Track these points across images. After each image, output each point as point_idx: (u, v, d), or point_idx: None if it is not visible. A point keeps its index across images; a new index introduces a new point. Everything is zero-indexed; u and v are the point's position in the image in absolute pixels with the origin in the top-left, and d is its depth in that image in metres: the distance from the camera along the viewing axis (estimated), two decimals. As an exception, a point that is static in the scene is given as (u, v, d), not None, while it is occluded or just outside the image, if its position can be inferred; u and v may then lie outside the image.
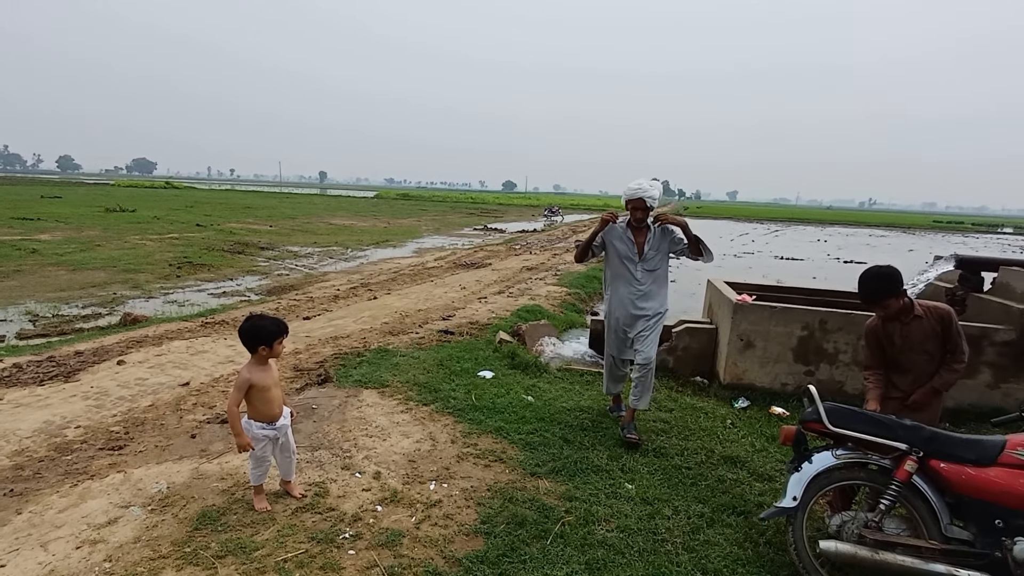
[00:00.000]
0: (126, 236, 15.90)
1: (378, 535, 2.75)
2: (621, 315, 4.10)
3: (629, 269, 4.04)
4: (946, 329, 2.86)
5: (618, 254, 4.08)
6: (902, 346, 2.93)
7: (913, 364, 2.94)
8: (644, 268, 4.03)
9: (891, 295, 2.82)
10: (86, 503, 2.92)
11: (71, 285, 9.50)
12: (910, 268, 6.66)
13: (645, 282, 4.05)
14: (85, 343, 5.78)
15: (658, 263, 4.08)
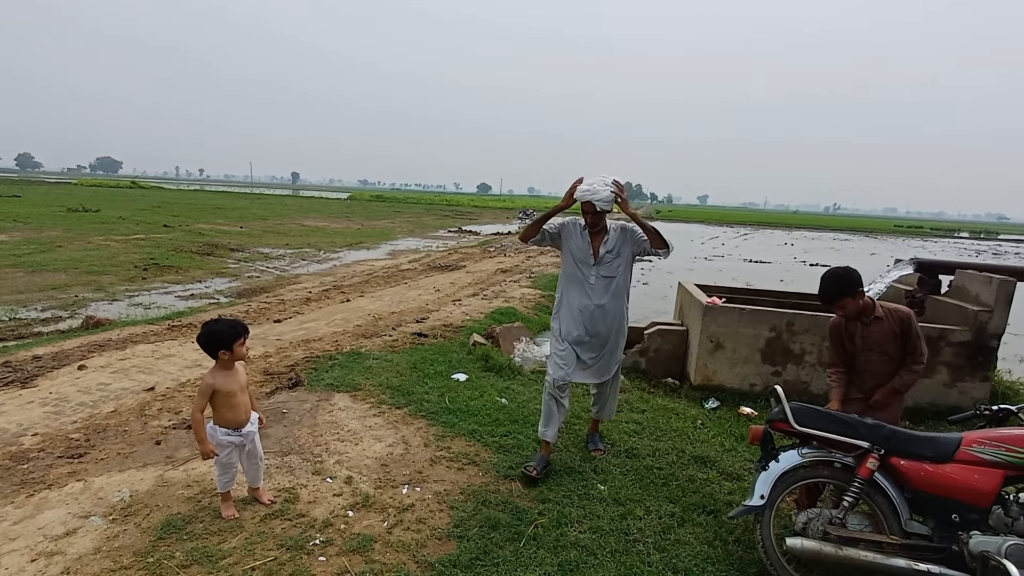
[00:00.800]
0: (89, 237, 15.41)
1: (349, 541, 2.72)
2: (574, 330, 3.54)
3: (582, 272, 3.53)
4: (906, 331, 2.94)
5: (572, 254, 3.57)
6: (862, 346, 3.00)
7: (872, 364, 3.01)
8: (600, 273, 3.51)
9: (847, 295, 2.88)
10: (43, 514, 2.82)
11: (30, 287, 9.18)
12: (872, 271, 6.85)
13: (599, 290, 3.50)
14: (44, 347, 5.58)
15: (617, 269, 3.52)
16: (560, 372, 3.50)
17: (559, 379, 3.50)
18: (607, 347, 3.59)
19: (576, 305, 3.54)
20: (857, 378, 3.08)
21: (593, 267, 3.52)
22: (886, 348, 2.96)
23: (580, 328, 3.52)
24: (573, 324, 3.53)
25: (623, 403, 4.82)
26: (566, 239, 3.59)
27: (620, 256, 3.53)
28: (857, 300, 2.90)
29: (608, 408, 3.83)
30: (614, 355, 3.64)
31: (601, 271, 3.52)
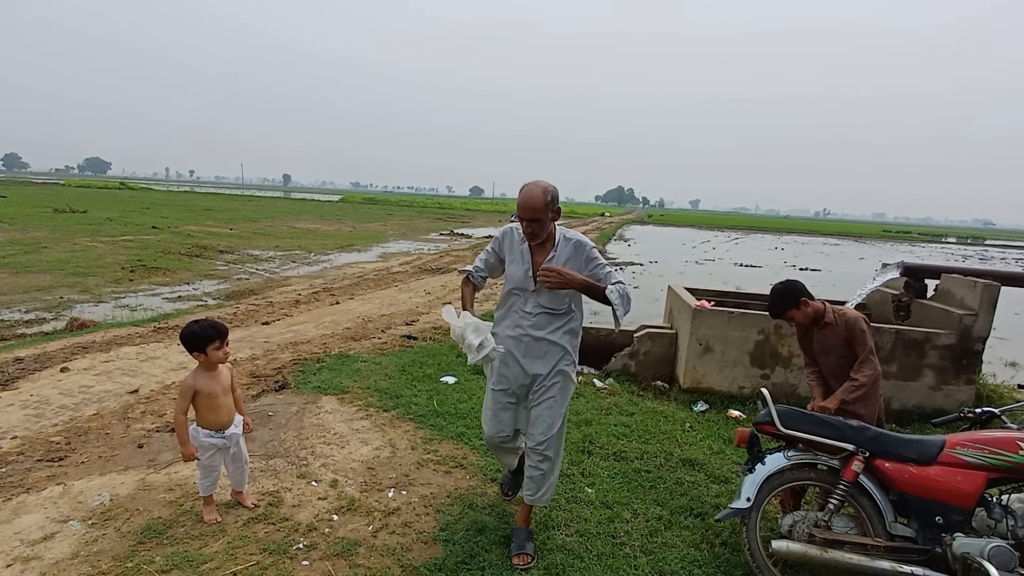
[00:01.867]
0: (76, 238, 15.25)
1: (333, 545, 2.69)
2: (501, 367, 2.72)
3: (521, 297, 2.67)
4: (850, 335, 2.97)
5: (509, 277, 2.73)
6: (818, 350, 3.10)
7: (830, 368, 3.08)
8: (541, 304, 2.62)
9: (790, 307, 3.01)
10: (20, 518, 2.76)
11: (13, 289, 9.05)
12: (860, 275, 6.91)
13: (534, 323, 2.63)
14: (26, 349, 5.50)
15: (564, 300, 2.64)
16: (489, 425, 2.83)
17: (492, 434, 2.85)
18: (550, 392, 2.67)
19: (506, 334, 2.68)
20: (827, 378, 3.13)
21: (531, 294, 2.63)
22: (840, 351, 3.02)
23: (513, 366, 2.67)
24: (503, 361, 2.67)
25: (612, 406, 4.82)
26: (506, 254, 2.75)
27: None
28: (803, 309, 3.00)
29: (547, 488, 2.77)
30: (557, 401, 2.68)
31: (542, 301, 2.62)
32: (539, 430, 2.68)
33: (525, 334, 2.64)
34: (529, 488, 2.76)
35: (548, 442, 2.68)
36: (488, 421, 2.84)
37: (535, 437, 2.69)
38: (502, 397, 2.77)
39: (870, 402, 2.99)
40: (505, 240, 2.76)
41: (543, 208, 2.51)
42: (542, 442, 2.67)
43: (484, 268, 2.82)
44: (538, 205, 2.50)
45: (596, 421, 4.44)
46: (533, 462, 2.72)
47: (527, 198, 2.51)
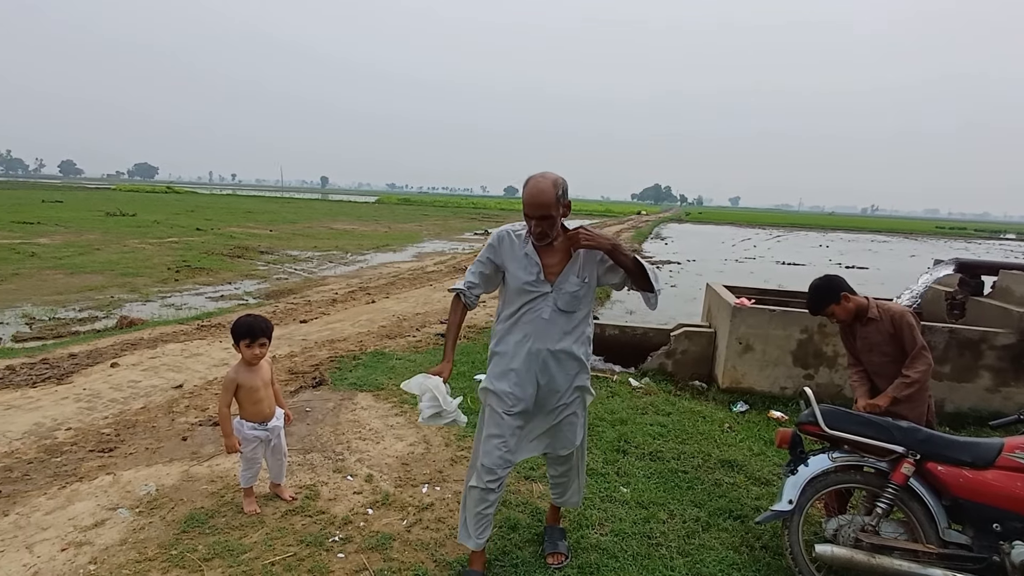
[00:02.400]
0: (125, 240, 15.90)
1: (368, 538, 2.72)
2: (518, 390, 2.36)
3: (531, 302, 2.34)
4: (897, 330, 2.83)
5: (515, 279, 2.37)
6: (862, 347, 2.95)
7: (875, 366, 2.94)
8: (558, 305, 2.33)
9: (831, 302, 2.88)
10: (73, 505, 2.89)
11: (68, 288, 9.49)
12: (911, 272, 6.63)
13: (555, 331, 2.34)
14: (79, 346, 5.75)
15: (580, 301, 2.37)
16: (498, 455, 2.35)
17: (498, 465, 2.36)
18: (570, 408, 2.45)
19: (521, 352, 2.35)
20: (873, 377, 2.99)
21: (550, 295, 2.34)
22: (884, 348, 2.88)
23: (528, 386, 2.36)
24: (517, 382, 2.36)
25: (648, 406, 4.75)
26: (506, 260, 2.40)
27: (587, 283, 2.39)
28: (844, 304, 2.87)
29: (574, 491, 2.67)
30: (579, 418, 2.52)
31: (560, 301, 2.34)
32: (561, 444, 2.50)
33: (542, 348, 2.33)
34: (556, 492, 2.69)
35: (572, 454, 2.55)
36: (495, 450, 2.35)
37: (557, 451, 2.52)
38: (514, 421, 2.38)
39: (918, 402, 2.86)
40: (502, 246, 2.41)
41: (555, 203, 2.20)
42: (563, 456, 2.54)
43: (479, 282, 2.44)
44: (549, 200, 2.19)
45: (631, 420, 4.37)
46: (557, 472, 2.61)
47: (536, 193, 2.20)
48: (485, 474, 2.36)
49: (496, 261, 2.42)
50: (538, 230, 2.26)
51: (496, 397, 2.39)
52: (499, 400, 2.39)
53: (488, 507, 2.40)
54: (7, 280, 9.84)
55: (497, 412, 2.39)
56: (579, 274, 2.35)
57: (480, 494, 2.38)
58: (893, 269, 19.10)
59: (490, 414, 2.42)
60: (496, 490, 2.39)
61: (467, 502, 2.45)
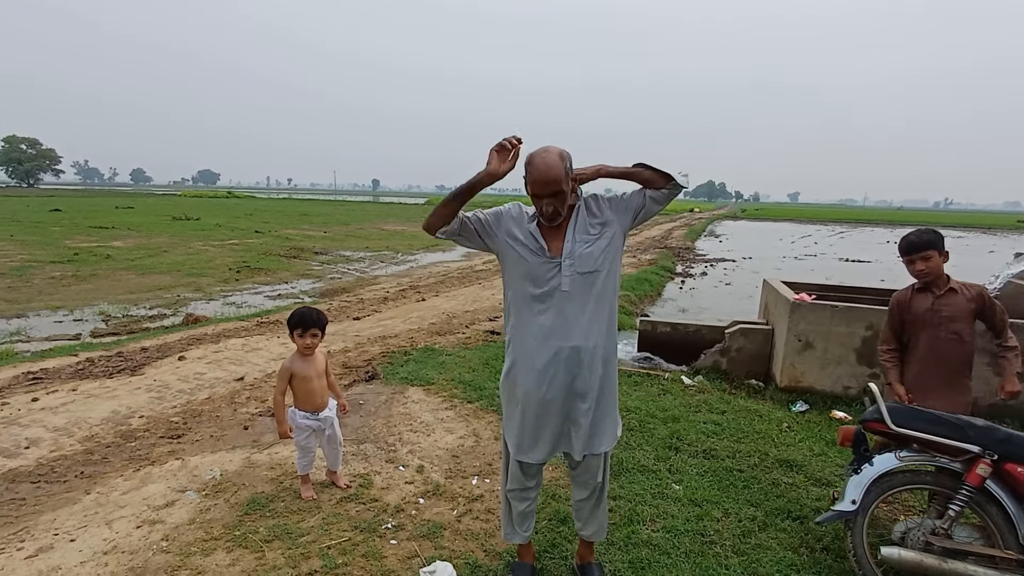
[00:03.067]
0: (190, 242, 16.74)
1: (420, 526, 2.77)
2: (536, 388, 2.09)
3: (542, 278, 2.06)
4: (986, 306, 2.69)
5: (518, 255, 2.10)
6: (931, 321, 2.75)
7: (939, 344, 2.73)
8: (576, 269, 2.04)
9: (935, 247, 2.71)
10: (147, 486, 3.06)
11: (140, 288, 10.07)
12: (989, 268, 6.22)
13: (574, 307, 2.04)
14: (150, 340, 6.10)
15: (598, 260, 2.05)
16: (526, 447, 2.18)
17: (537, 460, 2.19)
18: (601, 407, 2.14)
19: (538, 346, 2.07)
20: (922, 362, 2.78)
21: (562, 260, 2.05)
22: (958, 326, 2.70)
23: (549, 383, 2.07)
24: (535, 379, 2.08)
25: (701, 404, 4.64)
26: (503, 234, 2.14)
27: (604, 235, 2.08)
28: (941, 258, 2.72)
29: (599, 516, 2.37)
30: (608, 417, 2.19)
31: (577, 265, 2.04)
32: (598, 432, 2.19)
33: (562, 337, 2.04)
34: (580, 519, 2.39)
35: (602, 468, 2.28)
36: (528, 445, 2.16)
37: (591, 442, 2.17)
38: (532, 417, 2.14)
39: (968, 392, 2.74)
40: (510, 212, 2.16)
41: (564, 177, 1.96)
42: (599, 446, 2.19)
43: (474, 221, 2.16)
44: (559, 175, 1.95)
45: (684, 418, 4.28)
46: (584, 495, 2.32)
47: (544, 169, 1.95)
48: (513, 472, 2.27)
49: (488, 226, 2.15)
50: (550, 209, 2.01)
51: (513, 385, 2.16)
52: (513, 389, 2.18)
53: (529, 505, 2.35)
54: (86, 280, 10.53)
55: (516, 402, 2.18)
56: (589, 231, 2.08)
57: (519, 494, 2.31)
58: (968, 264, 17.91)
59: (505, 402, 2.27)
60: (534, 487, 2.33)
61: (507, 505, 2.37)
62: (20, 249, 14.09)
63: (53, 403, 4.23)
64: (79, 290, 9.72)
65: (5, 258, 12.63)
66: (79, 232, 18.57)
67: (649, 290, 11.41)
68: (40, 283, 10.18)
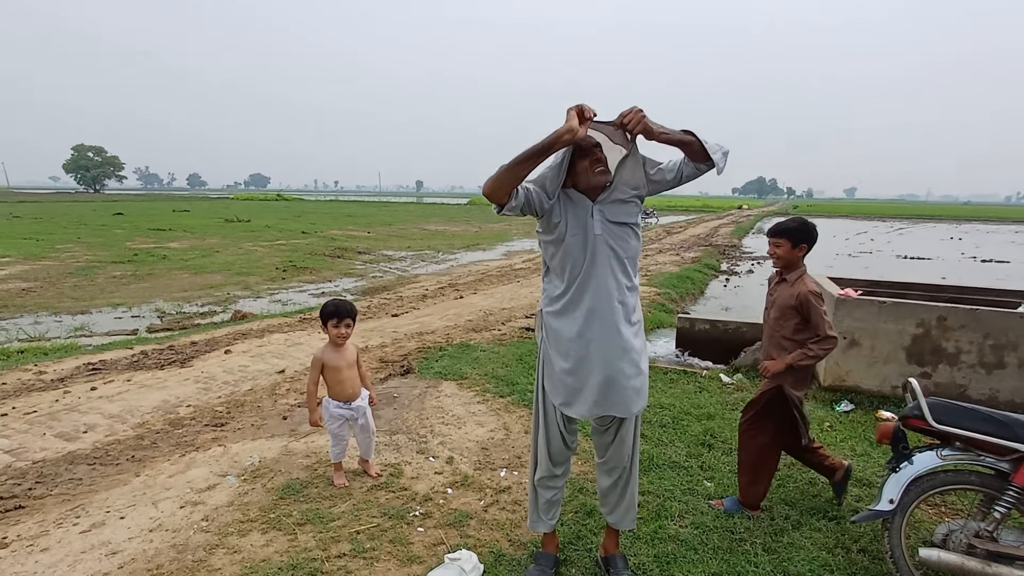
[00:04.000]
0: (241, 243, 17.40)
1: (447, 515, 2.81)
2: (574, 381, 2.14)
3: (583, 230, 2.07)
4: (802, 304, 2.75)
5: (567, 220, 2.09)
6: (767, 301, 2.98)
7: (768, 326, 2.93)
8: (607, 217, 2.08)
9: (786, 236, 2.85)
10: (191, 471, 3.22)
11: (193, 286, 10.54)
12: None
13: (603, 253, 2.06)
14: (200, 335, 6.38)
15: (632, 211, 2.11)
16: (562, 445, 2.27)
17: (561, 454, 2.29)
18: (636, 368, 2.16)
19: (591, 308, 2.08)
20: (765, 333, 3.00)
21: (595, 205, 2.07)
22: (778, 312, 2.84)
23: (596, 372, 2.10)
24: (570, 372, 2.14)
25: (739, 401, 4.52)
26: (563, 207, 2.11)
27: (636, 191, 2.11)
28: (792, 250, 2.85)
29: (626, 504, 2.35)
30: (641, 389, 2.18)
31: (608, 212, 2.07)
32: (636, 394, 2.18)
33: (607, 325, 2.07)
34: (606, 506, 2.40)
35: (625, 455, 2.29)
36: (556, 438, 2.26)
37: (623, 403, 2.16)
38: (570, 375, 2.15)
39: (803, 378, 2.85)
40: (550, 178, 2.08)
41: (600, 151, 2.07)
42: (631, 407, 2.18)
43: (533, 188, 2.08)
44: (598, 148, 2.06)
45: (719, 416, 4.19)
46: (611, 478, 2.33)
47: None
48: (546, 465, 2.31)
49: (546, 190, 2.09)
50: (597, 164, 2.04)
51: (550, 367, 2.19)
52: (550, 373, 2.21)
53: (556, 494, 2.39)
54: (144, 279, 11.10)
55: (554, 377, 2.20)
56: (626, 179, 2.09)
57: (547, 483, 2.35)
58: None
59: (544, 409, 2.28)
60: (562, 475, 2.37)
61: (534, 493, 2.40)
62: (86, 251, 14.96)
63: (109, 392, 4.49)
64: (137, 288, 10.25)
65: (72, 259, 13.44)
66: (139, 234, 19.58)
67: (691, 288, 11.20)
68: (103, 282, 10.79)
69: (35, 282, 10.56)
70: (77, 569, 2.38)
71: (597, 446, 2.35)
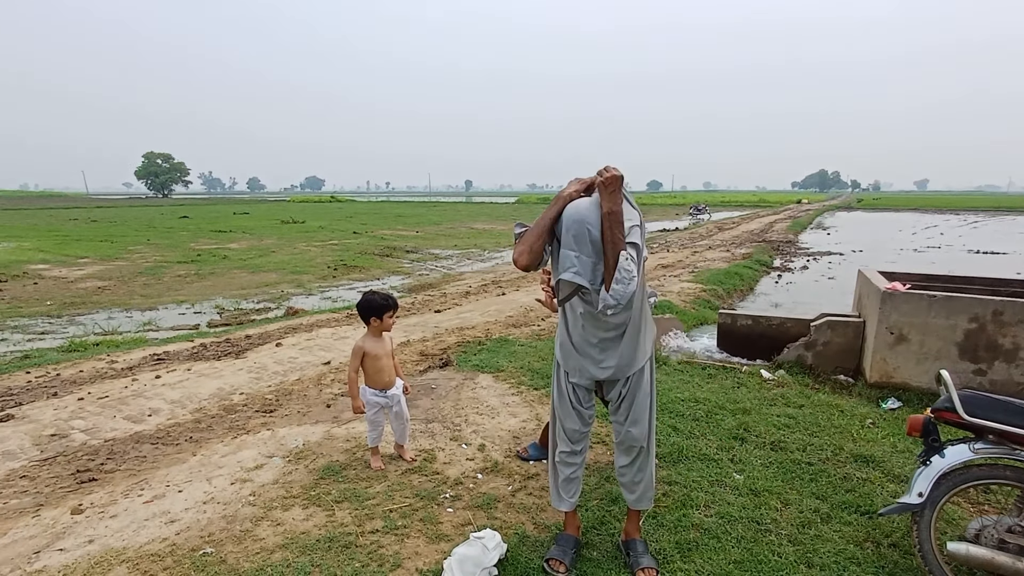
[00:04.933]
0: (295, 244, 18.13)
1: (476, 498, 2.93)
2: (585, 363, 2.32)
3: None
4: None
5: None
6: None
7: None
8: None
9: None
10: (241, 452, 3.46)
11: (250, 285, 11.10)
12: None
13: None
14: (254, 329, 6.76)
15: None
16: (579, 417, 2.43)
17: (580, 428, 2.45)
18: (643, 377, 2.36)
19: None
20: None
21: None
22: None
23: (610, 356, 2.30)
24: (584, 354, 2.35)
25: (777, 397, 4.46)
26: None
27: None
28: None
29: (644, 483, 2.45)
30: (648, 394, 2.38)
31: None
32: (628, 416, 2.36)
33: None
34: (625, 485, 2.49)
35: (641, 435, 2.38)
36: (570, 414, 2.41)
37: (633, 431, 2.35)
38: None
39: None
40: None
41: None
42: (632, 436, 2.36)
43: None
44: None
45: (756, 411, 4.15)
46: (629, 457, 2.42)
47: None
48: (565, 440, 2.46)
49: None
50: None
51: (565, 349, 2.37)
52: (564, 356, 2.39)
53: (575, 471, 2.49)
54: (206, 278, 11.77)
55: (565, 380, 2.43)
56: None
57: (566, 458, 2.48)
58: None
59: (562, 385, 2.45)
60: (580, 453, 2.49)
61: (554, 471, 2.53)
62: (154, 252, 15.94)
63: (172, 380, 4.84)
64: (200, 287, 10.89)
65: (142, 259, 14.36)
66: (202, 236, 20.69)
67: (739, 284, 10.97)
68: (169, 280, 11.51)
69: (109, 281, 11.37)
70: (141, 534, 2.64)
71: (614, 426, 2.44)
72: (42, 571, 2.39)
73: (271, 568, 2.36)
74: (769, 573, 2.39)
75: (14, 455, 3.48)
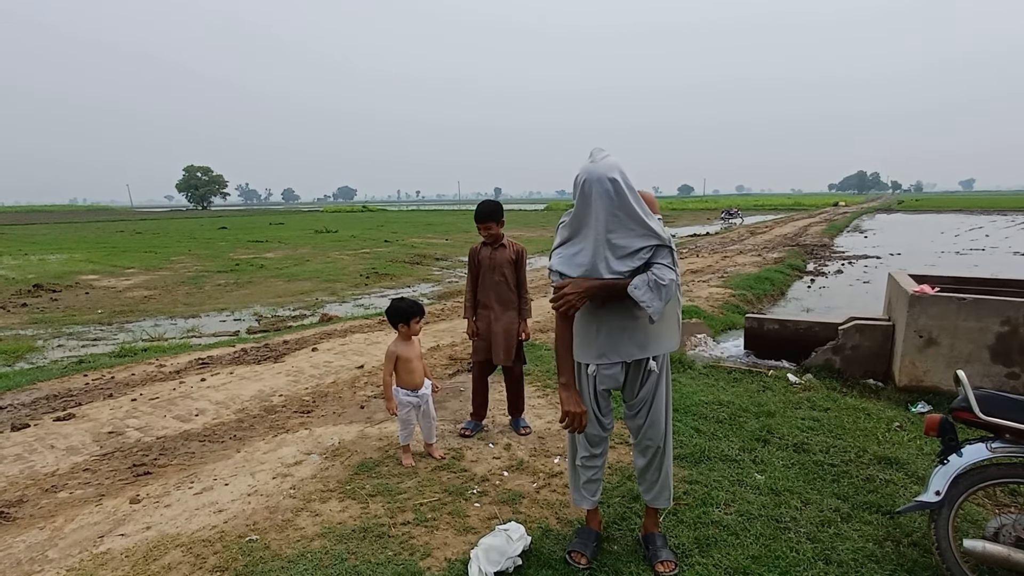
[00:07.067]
0: (329, 252, 18.62)
1: (502, 494, 3.06)
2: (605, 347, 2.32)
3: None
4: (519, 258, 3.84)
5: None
6: (488, 265, 3.79)
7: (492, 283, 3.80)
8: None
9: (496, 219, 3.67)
10: (281, 449, 3.67)
11: (286, 292, 11.48)
12: None
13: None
14: (291, 335, 7.04)
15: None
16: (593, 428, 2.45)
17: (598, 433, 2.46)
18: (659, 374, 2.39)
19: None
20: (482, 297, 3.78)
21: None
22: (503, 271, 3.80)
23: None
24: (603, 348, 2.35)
25: (803, 400, 4.48)
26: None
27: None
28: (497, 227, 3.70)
29: (662, 482, 2.50)
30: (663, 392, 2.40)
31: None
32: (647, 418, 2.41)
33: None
34: (643, 484, 2.55)
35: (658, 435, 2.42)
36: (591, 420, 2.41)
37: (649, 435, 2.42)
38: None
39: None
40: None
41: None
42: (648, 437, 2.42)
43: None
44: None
45: (780, 413, 4.18)
46: (646, 458, 2.48)
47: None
48: (584, 446, 2.49)
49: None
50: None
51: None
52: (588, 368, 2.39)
53: (596, 472, 2.54)
54: (244, 286, 12.22)
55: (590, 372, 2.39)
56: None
57: (586, 462, 2.51)
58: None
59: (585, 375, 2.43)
60: (600, 455, 2.52)
61: (574, 473, 2.58)
62: (195, 262, 16.58)
63: (216, 383, 5.12)
64: (239, 295, 11.32)
65: (184, 269, 14.97)
66: (240, 246, 21.40)
67: (770, 289, 10.87)
68: (210, 289, 11.99)
69: (154, 290, 11.91)
70: (193, 521, 2.85)
71: (631, 429, 2.50)
72: (107, 553, 2.61)
73: (310, 554, 2.54)
74: (786, 568, 2.46)
75: (77, 450, 3.76)
